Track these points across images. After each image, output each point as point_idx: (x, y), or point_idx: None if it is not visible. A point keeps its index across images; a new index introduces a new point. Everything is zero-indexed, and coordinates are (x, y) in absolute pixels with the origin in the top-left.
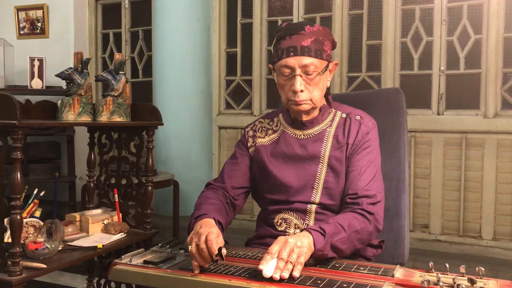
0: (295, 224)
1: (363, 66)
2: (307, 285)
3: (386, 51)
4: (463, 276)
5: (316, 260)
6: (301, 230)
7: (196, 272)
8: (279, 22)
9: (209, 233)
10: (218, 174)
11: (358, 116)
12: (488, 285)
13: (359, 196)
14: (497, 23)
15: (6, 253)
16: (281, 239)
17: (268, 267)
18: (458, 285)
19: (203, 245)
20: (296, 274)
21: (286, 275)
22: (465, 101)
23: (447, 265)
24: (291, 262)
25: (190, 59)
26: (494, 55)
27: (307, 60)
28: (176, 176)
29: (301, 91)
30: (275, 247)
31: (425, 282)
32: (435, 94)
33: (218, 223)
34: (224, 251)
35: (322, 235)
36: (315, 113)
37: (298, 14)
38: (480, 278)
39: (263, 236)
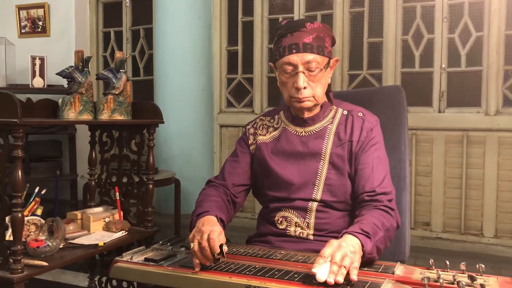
0: (296, 222)
1: (364, 64)
2: (308, 282)
3: (387, 48)
4: (463, 273)
5: (310, 254)
6: (342, 234)
7: (197, 269)
8: (280, 20)
9: (211, 232)
10: (219, 172)
11: (360, 113)
12: (488, 282)
13: (377, 193)
14: (499, 21)
15: (8, 251)
16: (334, 243)
17: (322, 270)
18: (458, 282)
19: (205, 244)
20: (354, 278)
21: (341, 279)
22: (466, 99)
23: (447, 262)
24: (344, 267)
25: (191, 57)
26: (496, 53)
27: (309, 56)
28: (178, 174)
29: (304, 88)
30: (328, 251)
31: (425, 279)
32: (436, 91)
33: (220, 221)
34: (225, 248)
35: (368, 237)
36: (317, 110)
37: (299, 12)
38: (481, 275)
39: (264, 233)
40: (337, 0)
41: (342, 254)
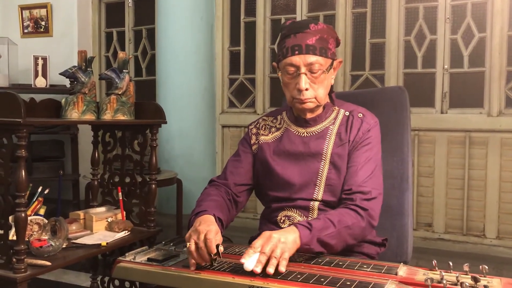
0: (298, 221)
1: (367, 64)
2: (311, 283)
3: (390, 49)
4: (466, 274)
5: (313, 255)
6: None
7: (192, 269)
8: (283, 21)
9: (208, 232)
10: (221, 172)
11: (361, 114)
12: (492, 283)
13: (353, 191)
14: (501, 21)
15: (11, 251)
16: (265, 234)
17: (250, 261)
18: (461, 283)
19: (202, 244)
20: (283, 269)
21: (271, 270)
22: (468, 100)
23: (451, 263)
24: (275, 258)
25: (194, 57)
26: (498, 53)
27: (312, 58)
28: (180, 174)
29: (306, 89)
30: (258, 242)
31: (429, 280)
32: (439, 92)
33: (218, 220)
34: (221, 248)
35: (308, 229)
36: (319, 111)
37: (301, 12)
38: (484, 276)
39: None
40: (339, 0)
41: (271, 245)
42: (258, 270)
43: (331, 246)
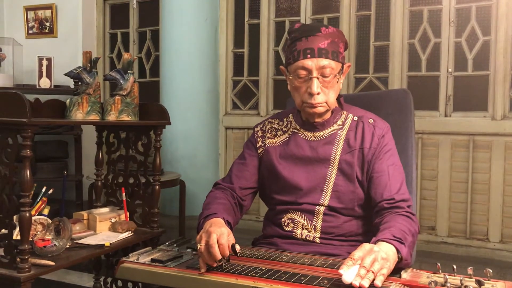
0: (302, 225)
1: (371, 67)
2: (314, 285)
3: (394, 52)
4: (470, 278)
5: (314, 256)
6: (376, 241)
7: (203, 270)
8: (287, 23)
9: (221, 234)
10: (224, 175)
11: (371, 120)
12: (496, 287)
13: (397, 200)
14: (506, 25)
15: (15, 250)
16: (366, 246)
17: (349, 273)
18: (465, 286)
19: (213, 242)
20: (379, 283)
21: (366, 284)
22: (473, 103)
23: (455, 267)
24: (372, 272)
25: (197, 59)
26: (503, 57)
27: (324, 62)
28: (183, 176)
29: (318, 93)
30: (358, 253)
31: (433, 283)
32: (443, 95)
33: (227, 223)
34: (237, 247)
35: (401, 243)
36: (328, 115)
37: (305, 15)
38: (488, 280)
39: (270, 235)
40: (343, 3)
41: (372, 259)
42: (357, 284)
43: (410, 257)
